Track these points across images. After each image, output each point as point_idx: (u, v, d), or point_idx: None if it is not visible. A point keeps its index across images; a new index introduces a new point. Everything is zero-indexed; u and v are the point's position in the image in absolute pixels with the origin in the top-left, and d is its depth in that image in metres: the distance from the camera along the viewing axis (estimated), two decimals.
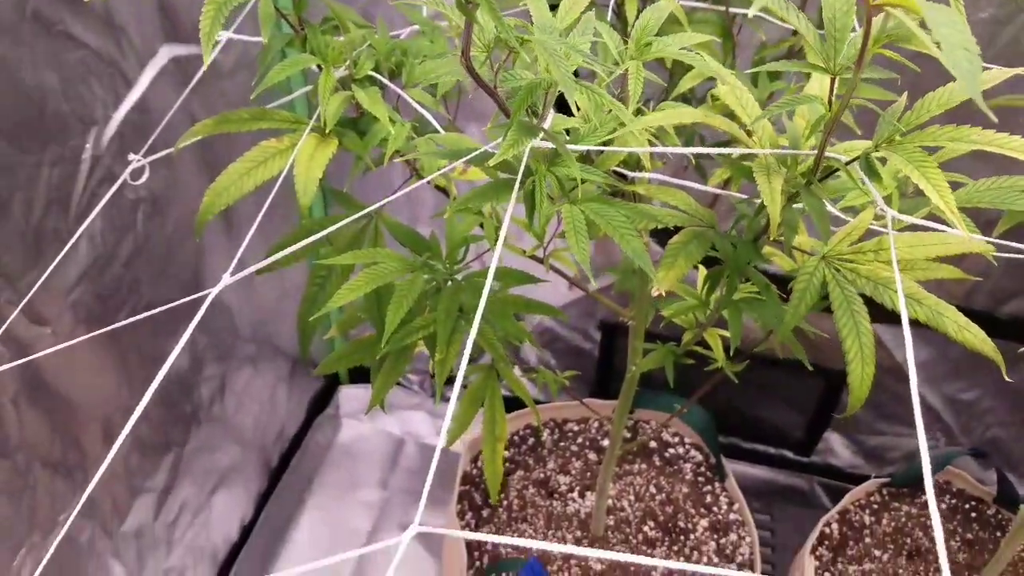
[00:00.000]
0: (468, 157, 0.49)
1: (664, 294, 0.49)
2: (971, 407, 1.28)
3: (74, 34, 0.91)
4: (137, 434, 1.12)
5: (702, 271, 0.69)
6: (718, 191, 0.59)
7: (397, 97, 0.66)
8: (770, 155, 0.47)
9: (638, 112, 0.52)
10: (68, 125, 0.92)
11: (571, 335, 1.44)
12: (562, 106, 0.49)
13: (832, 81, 0.44)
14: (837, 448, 1.43)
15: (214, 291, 0.46)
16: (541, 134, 0.45)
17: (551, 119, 0.48)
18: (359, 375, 1.64)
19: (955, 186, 0.52)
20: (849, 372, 0.49)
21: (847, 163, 0.47)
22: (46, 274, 0.72)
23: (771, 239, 0.51)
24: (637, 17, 0.75)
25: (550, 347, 1.48)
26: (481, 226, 0.65)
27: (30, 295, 0.77)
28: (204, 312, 0.45)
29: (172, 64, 1.06)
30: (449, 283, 0.64)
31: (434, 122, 0.63)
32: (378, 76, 0.61)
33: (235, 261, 0.50)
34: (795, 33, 0.83)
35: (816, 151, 0.46)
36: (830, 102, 0.44)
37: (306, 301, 0.73)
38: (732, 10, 0.77)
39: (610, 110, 0.48)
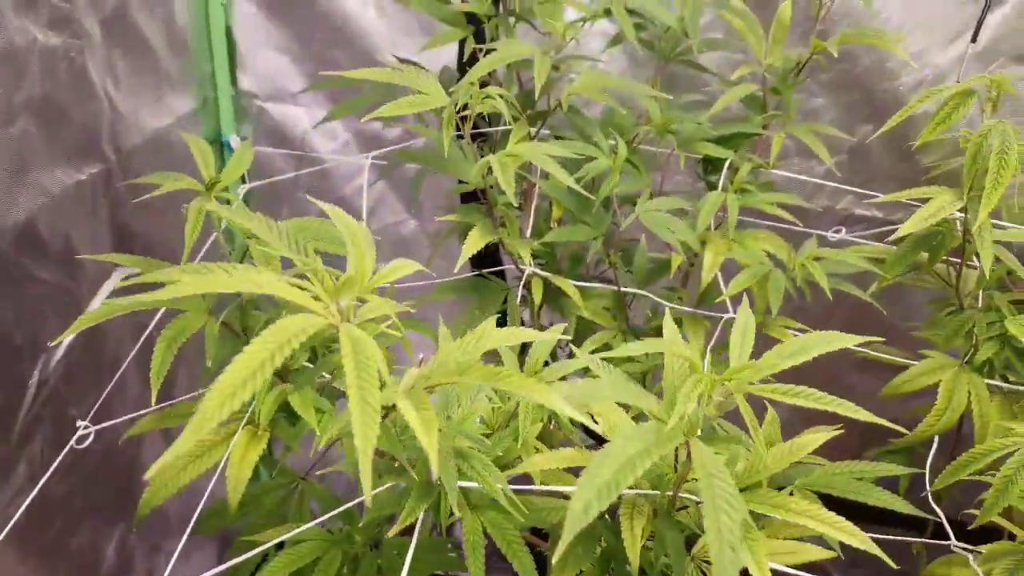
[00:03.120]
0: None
1: None
2: None
3: (33, 272, 0.99)
4: None
5: None
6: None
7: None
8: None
9: None
10: (19, 354, 0.98)
11: None
12: None
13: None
14: None
15: None
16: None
17: None
18: None
19: None
20: None
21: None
22: None
23: None
24: (543, 302, 0.88)
25: None
26: None
27: None
28: None
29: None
30: (370, 550, 0.71)
31: None
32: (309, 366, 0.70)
33: None
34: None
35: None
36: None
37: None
38: (623, 289, 0.90)
39: None
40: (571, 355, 1.02)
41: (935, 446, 0.84)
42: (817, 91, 1.12)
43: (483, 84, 0.81)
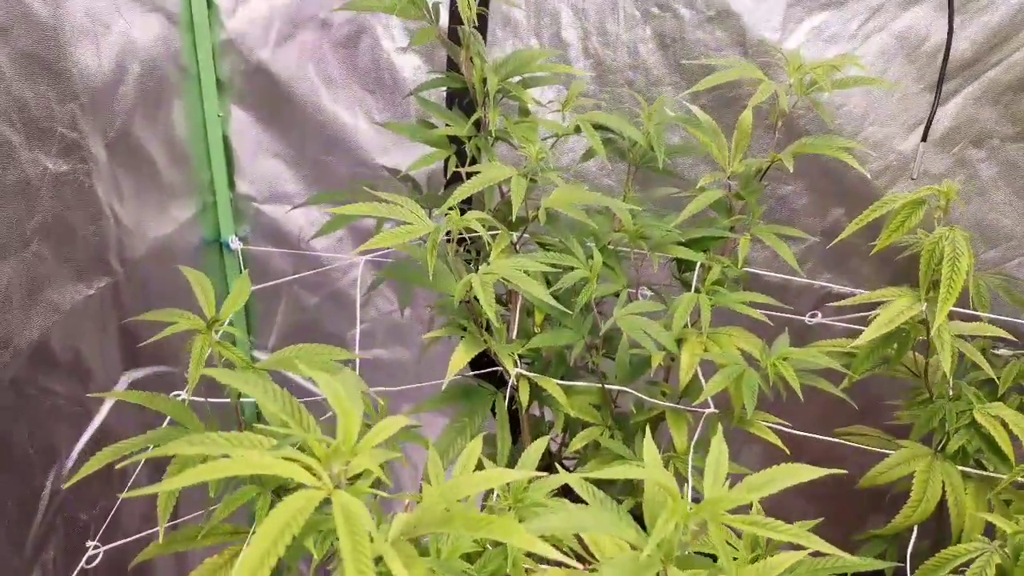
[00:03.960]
0: None
1: None
2: None
3: (46, 386, 1.03)
4: None
5: None
6: None
7: None
8: None
9: None
10: (32, 465, 1.03)
11: None
12: None
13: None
14: None
15: None
16: None
17: None
18: None
19: None
20: None
21: None
22: None
23: None
24: (531, 401, 0.92)
25: None
26: None
27: None
28: None
29: (130, 388, 1.19)
30: None
31: None
32: None
33: None
34: None
35: None
36: None
37: None
38: (608, 387, 0.94)
39: None
40: (561, 451, 1.06)
41: (915, 535, 0.87)
42: (787, 178, 1.17)
43: (469, 201, 0.87)
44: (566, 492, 0.77)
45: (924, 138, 1.03)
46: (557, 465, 0.73)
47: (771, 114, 0.91)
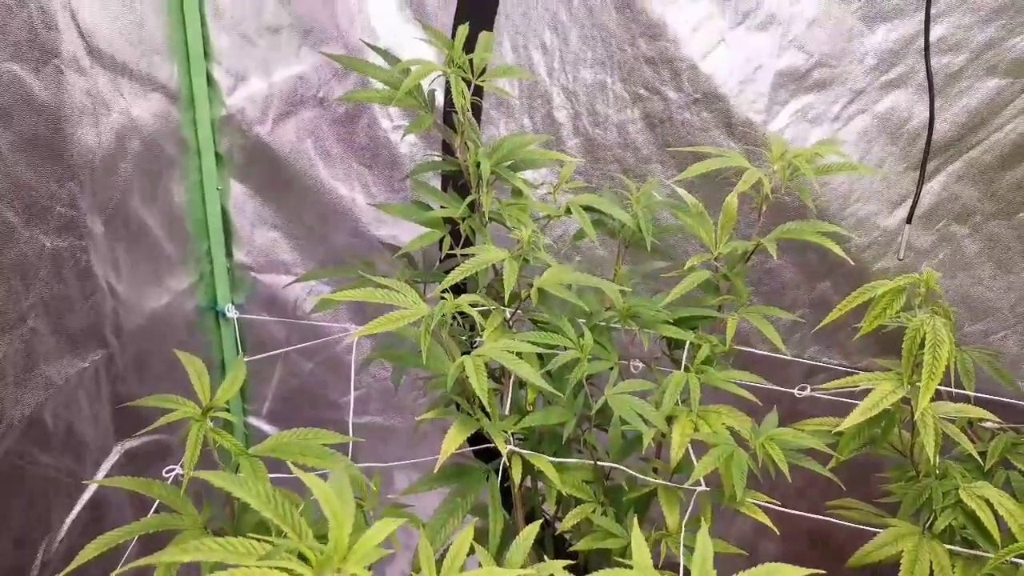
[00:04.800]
0: None
1: None
2: None
3: (39, 459, 1.03)
4: None
5: None
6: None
7: None
8: None
9: None
10: (23, 538, 1.02)
11: None
12: None
13: None
14: None
15: None
16: None
17: None
18: None
19: None
20: None
21: None
22: None
23: None
24: (523, 478, 0.93)
25: None
26: None
27: None
28: None
29: (124, 457, 1.19)
30: None
31: None
32: None
33: None
34: None
35: None
36: None
37: None
38: (600, 463, 0.95)
39: None
40: (554, 523, 1.06)
41: None
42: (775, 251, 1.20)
43: (459, 285, 0.88)
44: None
45: (909, 220, 1.05)
46: (558, 544, 0.73)
47: (756, 199, 0.93)
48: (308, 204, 1.25)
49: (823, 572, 0.64)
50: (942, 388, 0.94)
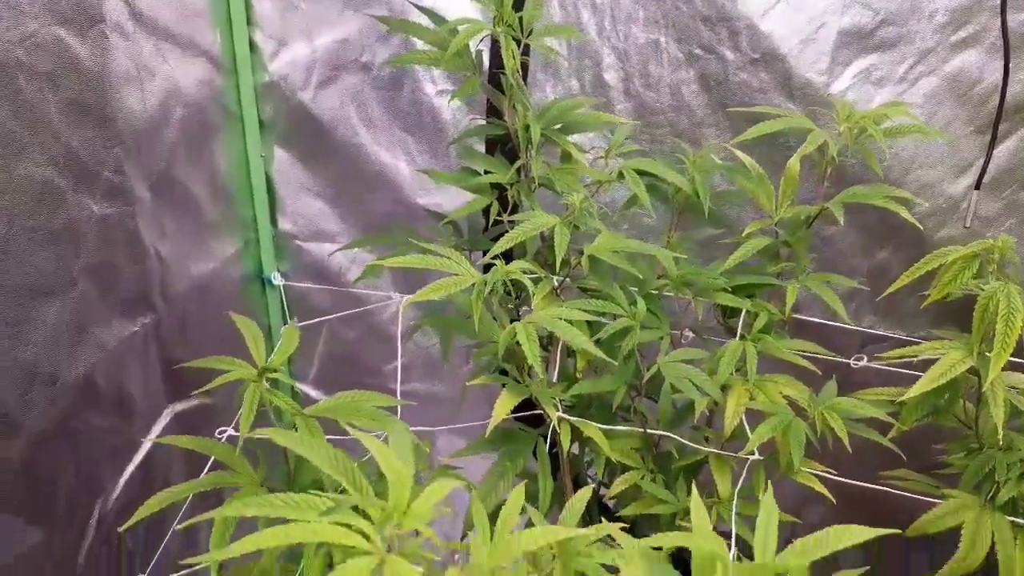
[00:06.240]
0: None
1: None
2: None
3: (92, 420, 1.05)
4: None
5: None
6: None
7: None
8: None
9: None
10: (79, 498, 1.04)
11: None
12: None
13: None
14: None
15: None
16: None
17: None
18: None
19: None
20: None
21: None
22: None
23: None
24: (571, 444, 0.91)
25: None
26: None
27: None
28: None
29: (173, 420, 1.21)
30: None
31: None
32: None
33: None
34: None
35: None
36: None
37: None
38: (650, 431, 0.93)
39: None
40: (599, 490, 1.05)
41: None
42: (834, 218, 1.16)
43: (506, 253, 0.87)
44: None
45: (978, 186, 1.01)
46: (601, 511, 0.72)
47: (820, 163, 0.89)
48: (351, 172, 1.24)
49: (898, 531, 0.62)
50: (1010, 359, 0.91)
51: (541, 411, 0.93)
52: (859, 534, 0.60)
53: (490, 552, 0.57)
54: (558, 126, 0.92)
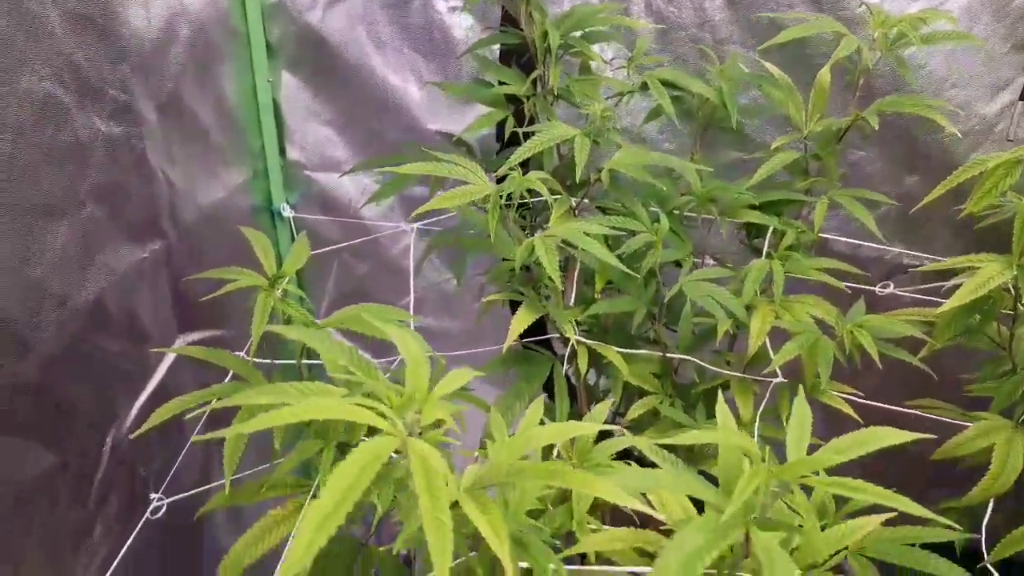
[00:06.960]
0: None
1: None
2: None
3: (104, 345, 1.03)
4: None
5: None
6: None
7: None
8: None
9: None
10: (93, 422, 1.03)
11: None
12: None
13: None
14: None
15: None
16: None
17: None
18: None
19: None
20: None
21: None
22: None
23: None
24: (588, 368, 0.89)
25: None
26: None
27: None
28: None
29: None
30: None
31: None
32: None
33: None
34: None
35: None
36: None
37: None
38: (669, 355, 0.91)
39: None
40: (616, 420, 1.03)
41: (990, 508, 0.83)
42: (860, 143, 1.12)
43: (524, 164, 0.83)
44: (624, 458, 0.74)
45: (1023, 96, 0.96)
46: (618, 431, 0.70)
47: (851, 72, 0.85)
48: (360, 97, 1.20)
49: (934, 436, 0.60)
50: None
51: (553, 337, 0.91)
52: (896, 436, 0.58)
53: (508, 448, 0.55)
54: (578, 33, 0.88)
